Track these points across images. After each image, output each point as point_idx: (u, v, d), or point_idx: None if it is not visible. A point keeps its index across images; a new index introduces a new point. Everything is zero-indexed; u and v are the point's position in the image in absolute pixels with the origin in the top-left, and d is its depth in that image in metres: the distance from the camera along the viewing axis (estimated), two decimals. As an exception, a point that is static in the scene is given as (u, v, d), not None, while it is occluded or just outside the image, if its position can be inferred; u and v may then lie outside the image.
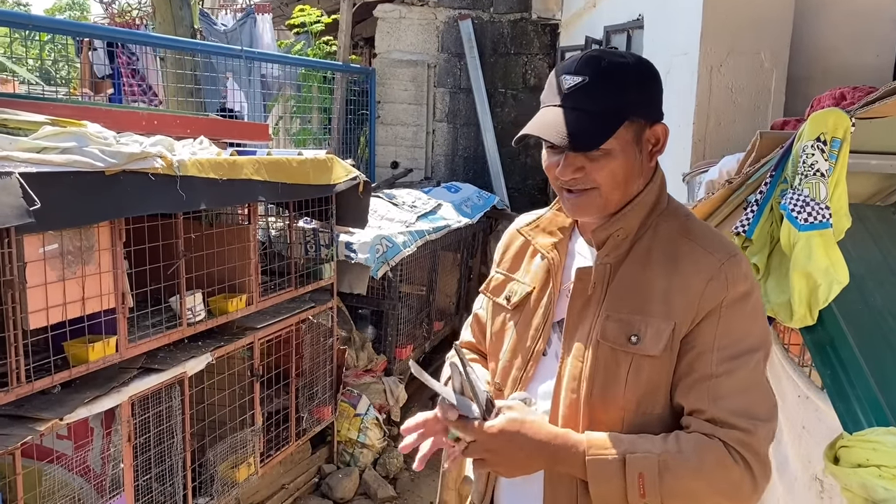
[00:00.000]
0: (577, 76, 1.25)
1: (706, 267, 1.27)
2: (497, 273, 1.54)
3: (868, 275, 1.74)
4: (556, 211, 1.47)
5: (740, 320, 1.26)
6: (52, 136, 2.40)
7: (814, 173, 1.59)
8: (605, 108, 1.23)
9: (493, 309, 1.51)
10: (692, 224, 1.36)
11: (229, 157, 3.12)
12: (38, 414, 2.36)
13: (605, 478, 1.20)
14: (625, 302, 1.29)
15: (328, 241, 4.26)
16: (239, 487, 3.48)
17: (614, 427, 1.27)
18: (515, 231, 1.55)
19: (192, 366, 3.02)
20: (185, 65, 5.56)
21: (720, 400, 1.23)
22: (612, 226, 1.32)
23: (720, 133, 2.94)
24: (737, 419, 1.22)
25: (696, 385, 1.24)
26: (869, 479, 1.33)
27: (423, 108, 7.44)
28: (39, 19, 4.73)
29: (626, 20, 4.44)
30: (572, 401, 1.30)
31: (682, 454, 1.20)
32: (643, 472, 1.18)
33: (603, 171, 1.26)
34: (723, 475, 1.21)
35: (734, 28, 2.91)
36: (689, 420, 1.25)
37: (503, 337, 1.45)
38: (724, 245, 1.32)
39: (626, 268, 1.32)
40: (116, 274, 2.62)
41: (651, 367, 1.26)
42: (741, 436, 1.21)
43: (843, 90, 2.15)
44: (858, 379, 1.50)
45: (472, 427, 1.23)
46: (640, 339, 1.26)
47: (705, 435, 1.22)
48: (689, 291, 1.26)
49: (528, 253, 1.50)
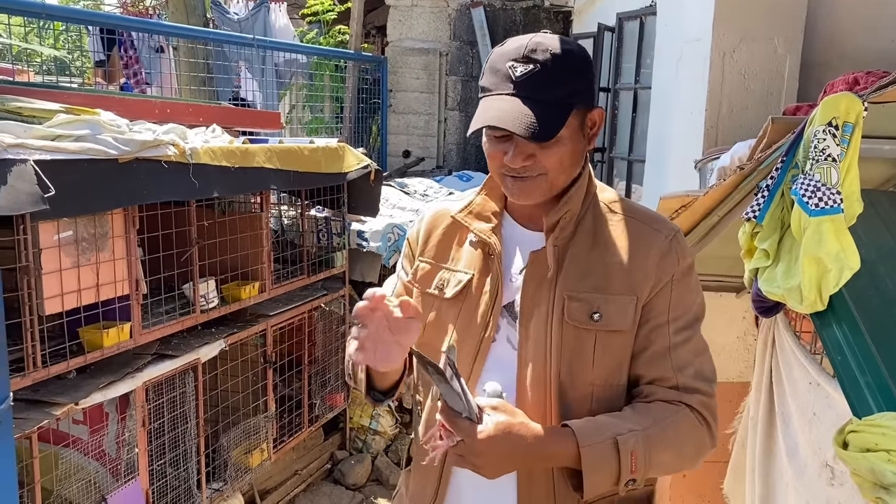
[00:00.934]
0: (528, 64, 1.24)
1: (656, 243, 1.33)
2: (423, 262, 1.48)
3: (880, 260, 1.72)
4: (485, 196, 1.44)
5: (688, 291, 1.34)
6: (66, 124, 2.42)
7: (825, 158, 1.57)
8: (558, 98, 1.24)
9: (423, 300, 1.45)
10: (628, 203, 1.41)
11: (241, 146, 3.13)
12: (54, 398, 2.39)
13: (601, 464, 1.20)
14: (582, 281, 1.31)
15: (340, 230, 4.27)
16: (252, 473, 3.52)
17: (583, 404, 1.30)
18: (442, 216, 1.49)
19: (205, 352, 3.05)
20: (198, 54, 5.58)
21: (683, 368, 1.30)
22: (560, 209, 1.33)
23: (732, 119, 2.92)
24: (699, 383, 1.31)
25: (658, 356, 1.31)
26: (878, 463, 1.32)
27: (435, 97, 7.43)
28: (54, 8, 4.75)
29: (638, 6, 4.41)
30: (538, 384, 1.30)
31: (659, 425, 1.25)
32: (634, 450, 1.21)
33: (553, 157, 1.26)
34: (694, 437, 1.29)
35: (747, 13, 2.89)
36: (652, 388, 1.31)
37: (442, 328, 1.40)
38: (665, 222, 1.39)
39: (575, 248, 1.34)
40: (130, 261, 2.64)
41: (619, 341, 1.30)
42: (704, 399, 1.30)
43: (856, 75, 2.13)
44: (869, 365, 1.49)
45: (464, 426, 1.16)
46: (602, 315, 1.29)
47: (668, 402, 1.29)
48: (644, 266, 1.31)
49: (455, 240, 1.46)
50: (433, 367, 1.12)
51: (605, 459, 1.19)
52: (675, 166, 3.32)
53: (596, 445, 1.20)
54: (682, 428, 1.27)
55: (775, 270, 1.68)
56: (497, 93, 1.26)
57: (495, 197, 1.43)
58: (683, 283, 1.33)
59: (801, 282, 1.57)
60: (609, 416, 1.26)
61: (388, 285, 1.59)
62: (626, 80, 4.79)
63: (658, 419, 1.25)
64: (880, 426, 1.37)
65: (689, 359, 1.31)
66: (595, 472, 1.20)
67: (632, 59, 4.58)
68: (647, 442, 1.22)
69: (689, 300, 1.34)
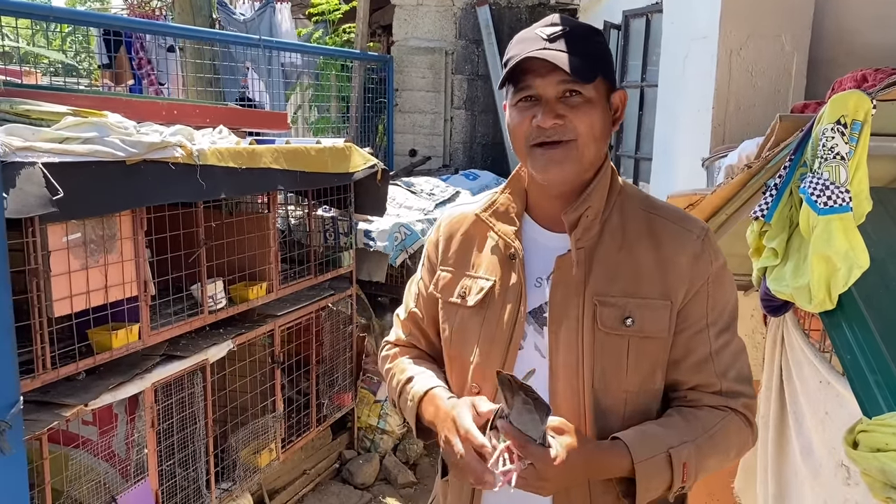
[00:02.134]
0: (556, 27, 1.25)
1: (688, 244, 1.30)
2: (443, 271, 1.45)
3: (889, 259, 1.71)
4: (508, 195, 1.41)
5: (723, 292, 1.33)
6: (74, 127, 2.43)
7: (833, 156, 1.56)
8: (589, 52, 1.24)
9: (446, 310, 1.43)
10: (655, 201, 1.39)
11: (248, 146, 3.14)
12: (64, 400, 2.40)
13: (655, 477, 1.22)
14: (612, 285, 1.28)
15: (347, 229, 4.28)
16: (261, 473, 3.53)
17: (617, 410, 1.29)
18: (459, 221, 1.47)
19: (213, 353, 3.06)
20: (204, 54, 5.59)
21: (726, 372, 1.31)
22: (581, 205, 1.30)
23: (740, 117, 2.90)
24: (741, 386, 1.32)
25: (701, 363, 1.30)
26: (888, 463, 1.32)
27: (441, 96, 7.42)
28: (60, 10, 4.77)
29: (645, 4, 4.40)
30: (572, 393, 1.28)
31: (708, 433, 1.26)
32: (686, 461, 1.23)
33: (584, 120, 1.24)
34: (739, 440, 1.32)
35: (754, 11, 2.87)
36: (696, 395, 1.31)
37: (468, 337, 1.37)
38: (695, 221, 1.36)
39: (602, 250, 1.31)
40: (138, 262, 2.65)
41: (653, 347, 1.28)
42: (747, 401, 1.33)
43: (864, 72, 2.11)
44: (879, 364, 1.48)
45: (537, 452, 1.14)
46: (635, 321, 1.26)
47: (715, 407, 1.30)
48: (677, 269, 1.29)
49: (475, 244, 1.43)
50: (524, 392, 1.12)
51: (659, 472, 1.22)
52: (682, 164, 3.31)
53: (650, 460, 1.21)
54: (730, 433, 1.29)
55: (784, 269, 1.67)
56: (528, 51, 1.24)
57: (518, 196, 1.40)
58: (718, 283, 1.31)
59: (810, 281, 1.56)
60: (660, 427, 1.26)
61: (410, 295, 1.58)
62: (632, 77, 4.78)
63: (707, 427, 1.27)
64: (891, 426, 1.36)
65: (731, 362, 1.31)
66: (648, 484, 1.22)
67: (638, 56, 4.56)
68: (699, 452, 1.24)
69: (725, 300, 1.33)
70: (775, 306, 1.81)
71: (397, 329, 1.61)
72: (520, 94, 1.27)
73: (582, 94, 1.24)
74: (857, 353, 1.53)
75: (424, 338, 1.55)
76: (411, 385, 1.45)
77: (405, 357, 1.55)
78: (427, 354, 1.56)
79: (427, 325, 1.54)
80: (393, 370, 1.54)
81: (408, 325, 1.58)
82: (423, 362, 1.52)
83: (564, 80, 1.22)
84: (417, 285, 1.56)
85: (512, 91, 1.29)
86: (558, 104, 1.24)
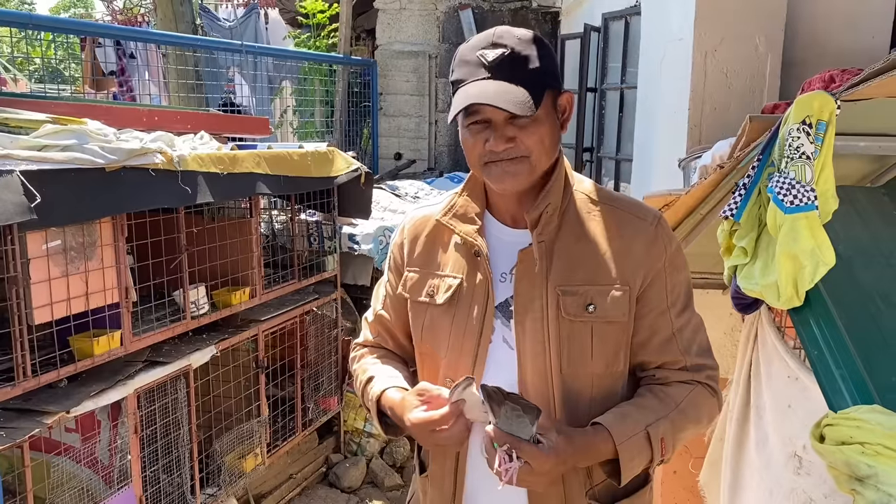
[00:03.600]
0: (497, 49, 1.26)
1: (642, 231, 1.36)
2: (410, 272, 1.48)
3: (856, 256, 1.74)
4: (466, 197, 1.44)
5: (678, 273, 1.39)
6: (53, 134, 2.44)
7: (799, 156, 1.59)
8: (532, 76, 1.26)
9: (414, 309, 1.47)
10: (607, 192, 1.44)
11: (230, 152, 3.15)
12: (46, 407, 2.40)
13: (637, 455, 1.28)
14: (573, 274, 1.34)
15: (331, 233, 4.29)
16: (246, 477, 3.53)
17: (584, 393, 1.35)
18: (423, 222, 1.50)
19: (196, 358, 3.07)
20: (188, 61, 5.59)
21: (689, 348, 1.39)
22: (541, 203, 1.34)
23: (715, 118, 2.94)
24: (704, 359, 1.41)
25: (665, 343, 1.38)
26: (853, 456, 1.34)
27: (426, 99, 7.45)
28: (40, 18, 4.76)
29: (624, 7, 4.44)
30: (540, 380, 1.33)
31: (679, 407, 1.34)
32: (663, 436, 1.30)
33: (533, 137, 1.27)
34: (707, 408, 1.40)
35: (728, 13, 2.91)
36: (665, 373, 1.39)
37: (438, 333, 1.42)
38: (648, 208, 1.42)
39: (561, 242, 1.36)
40: (120, 268, 2.66)
41: (615, 330, 1.34)
42: (711, 372, 1.42)
43: (832, 73, 2.15)
44: (845, 359, 1.51)
45: (530, 451, 1.19)
46: (597, 307, 1.32)
47: (683, 382, 1.38)
48: (633, 256, 1.34)
49: (439, 244, 1.46)
50: (510, 400, 1.20)
51: (640, 451, 1.28)
52: (660, 165, 3.35)
53: (631, 440, 1.27)
54: (699, 404, 1.37)
55: (753, 267, 1.70)
56: (472, 80, 1.27)
57: (476, 198, 1.44)
58: (674, 267, 1.38)
59: (777, 278, 1.59)
60: (635, 408, 1.34)
61: (378, 298, 1.61)
62: (612, 80, 4.82)
63: (678, 401, 1.35)
64: (855, 419, 1.39)
65: (692, 338, 1.39)
66: (631, 463, 1.28)
67: (618, 59, 4.60)
68: (673, 426, 1.32)
69: (681, 281, 1.40)
70: (745, 304, 1.84)
71: (366, 331, 1.65)
72: (470, 118, 1.30)
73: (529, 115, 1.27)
74: (823, 348, 1.56)
75: (392, 338, 1.59)
76: (371, 385, 1.49)
77: (369, 356, 1.58)
78: (394, 353, 1.59)
79: (394, 326, 1.57)
80: (357, 371, 1.59)
81: (375, 326, 1.61)
82: (388, 361, 1.56)
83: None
84: (385, 287, 1.59)
85: (462, 115, 1.31)
86: (507, 126, 1.27)
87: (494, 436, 1.21)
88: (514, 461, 1.20)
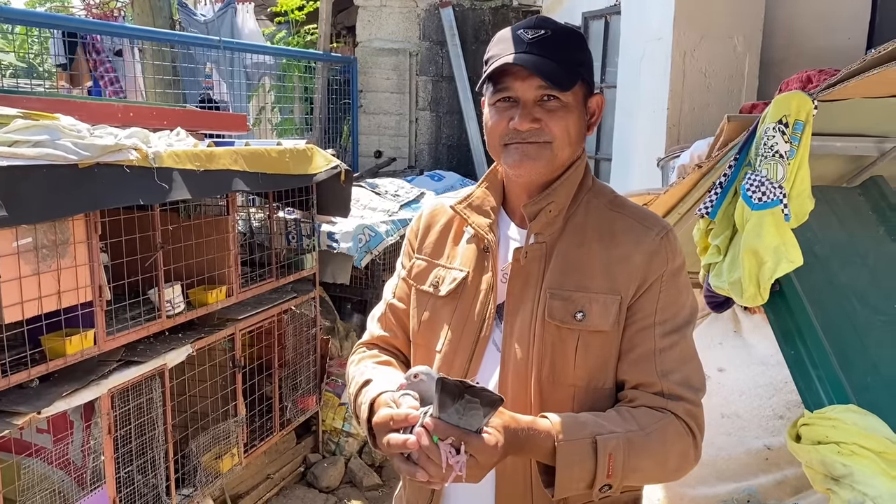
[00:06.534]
0: (538, 30, 1.26)
1: (645, 241, 1.30)
2: (419, 259, 1.47)
3: (833, 255, 1.76)
4: (484, 189, 1.43)
5: (677, 293, 1.30)
6: (24, 130, 2.39)
7: (773, 154, 1.60)
8: (570, 58, 1.25)
9: (417, 297, 1.44)
10: (622, 200, 1.40)
11: (206, 149, 3.11)
12: (16, 408, 2.35)
13: (576, 461, 1.16)
14: (566, 279, 1.29)
15: (310, 231, 4.26)
16: (223, 478, 3.49)
17: (565, 405, 1.27)
18: (439, 212, 1.48)
19: (172, 357, 3.03)
20: (165, 56, 5.53)
21: (668, 373, 1.26)
22: (543, 200, 1.32)
23: (694, 117, 2.95)
24: (684, 391, 1.26)
25: (642, 360, 1.27)
26: (828, 455, 1.35)
27: (406, 97, 7.42)
28: (11, 11, 4.67)
29: (603, 6, 4.45)
30: (521, 384, 1.28)
31: (644, 431, 1.20)
32: (613, 452, 1.16)
33: (560, 123, 1.26)
34: (678, 448, 1.24)
35: (707, 13, 2.93)
36: (636, 394, 1.26)
37: (436, 325, 1.38)
38: (657, 219, 1.36)
39: (563, 245, 1.32)
40: (93, 267, 2.61)
41: (600, 341, 1.27)
42: (690, 407, 1.25)
43: (809, 73, 2.17)
44: (821, 358, 1.52)
45: (476, 443, 1.09)
46: (586, 315, 1.26)
47: (655, 409, 1.24)
48: (629, 265, 1.28)
49: (451, 235, 1.44)
50: (468, 393, 1.08)
51: (581, 458, 1.16)
52: (639, 164, 3.35)
53: (574, 442, 1.16)
54: (667, 436, 1.22)
55: (722, 265, 1.71)
56: (508, 53, 1.25)
57: (494, 190, 1.42)
58: (672, 283, 1.29)
59: (741, 275, 1.60)
60: (592, 416, 1.23)
61: (389, 287, 1.58)
62: (592, 78, 4.82)
63: (643, 425, 1.21)
64: (831, 419, 1.40)
65: (675, 365, 1.27)
66: (568, 469, 1.15)
67: (598, 57, 4.61)
68: (629, 446, 1.18)
69: (679, 303, 1.30)
70: (718, 302, 1.85)
71: (372, 328, 1.57)
72: (498, 94, 1.29)
73: (560, 98, 1.26)
74: (800, 347, 1.57)
75: (403, 331, 1.52)
76: (360, 399, 1.38)
77: (367, 361, 1.49)
78: (397, 352, 1.53)
79: (407, 316, 1.51)
80: (353, 374, 1.48)
81: (385, 320, 1.55)
82: (384, 365, 1.47)
83: (543, 86, 1.25)
84: (398, 275, 1.56)
85: (491, 90, 1.30)
86: (535, 107, 1.26)
87: (434, 429, 1.10)
88: (461, 454, 1.11)
